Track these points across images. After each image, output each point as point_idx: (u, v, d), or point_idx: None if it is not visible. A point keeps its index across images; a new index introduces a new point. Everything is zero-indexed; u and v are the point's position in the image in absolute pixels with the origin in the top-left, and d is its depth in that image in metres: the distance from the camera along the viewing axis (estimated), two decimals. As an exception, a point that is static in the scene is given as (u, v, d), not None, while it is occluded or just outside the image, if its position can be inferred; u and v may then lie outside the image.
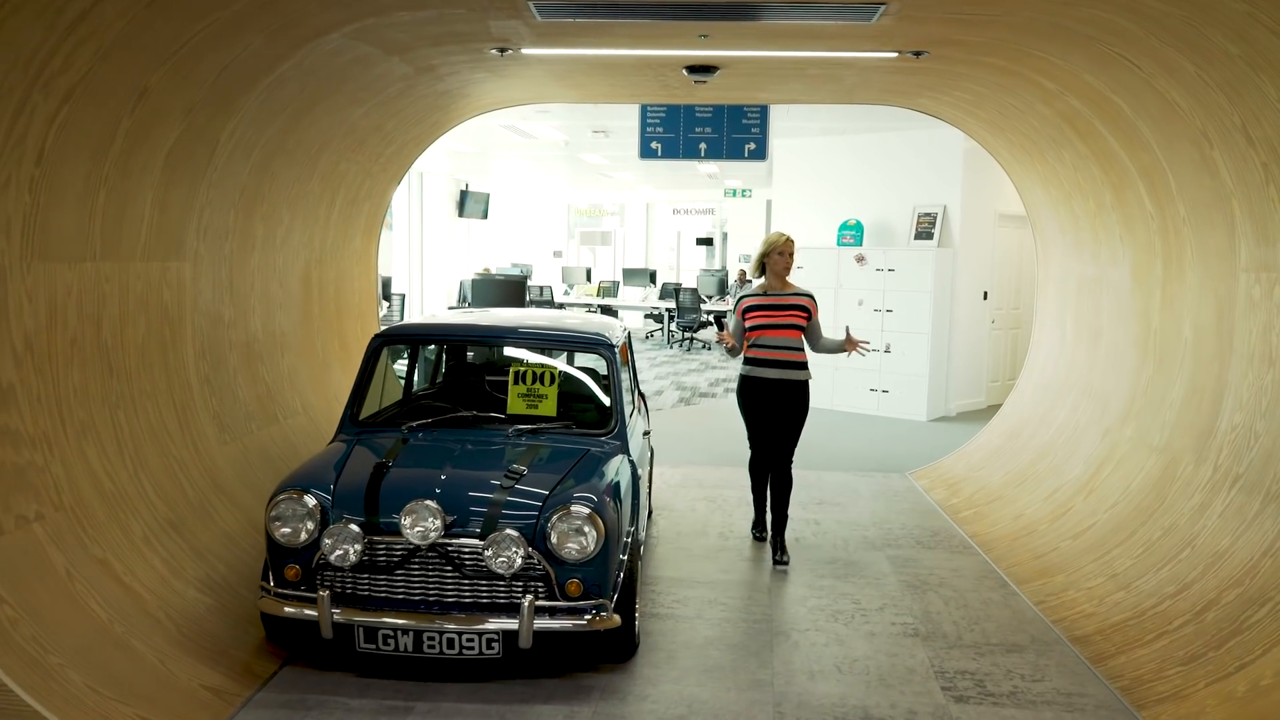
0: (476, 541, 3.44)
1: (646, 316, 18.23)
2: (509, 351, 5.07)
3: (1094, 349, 5.92)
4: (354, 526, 3.44)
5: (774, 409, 5.07)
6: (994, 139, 6.75)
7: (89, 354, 3.73)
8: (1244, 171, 3.98)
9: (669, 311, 16.23)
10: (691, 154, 8.01)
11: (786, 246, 5.09)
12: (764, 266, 5.15)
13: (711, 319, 15.79)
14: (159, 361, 4.25)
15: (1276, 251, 3.87)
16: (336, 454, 3.93)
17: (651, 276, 18.31)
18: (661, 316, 16.86)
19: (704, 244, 20.72)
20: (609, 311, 16.93)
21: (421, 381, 5.44)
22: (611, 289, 17.77)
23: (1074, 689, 3.64)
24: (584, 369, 5.16)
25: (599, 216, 23.94)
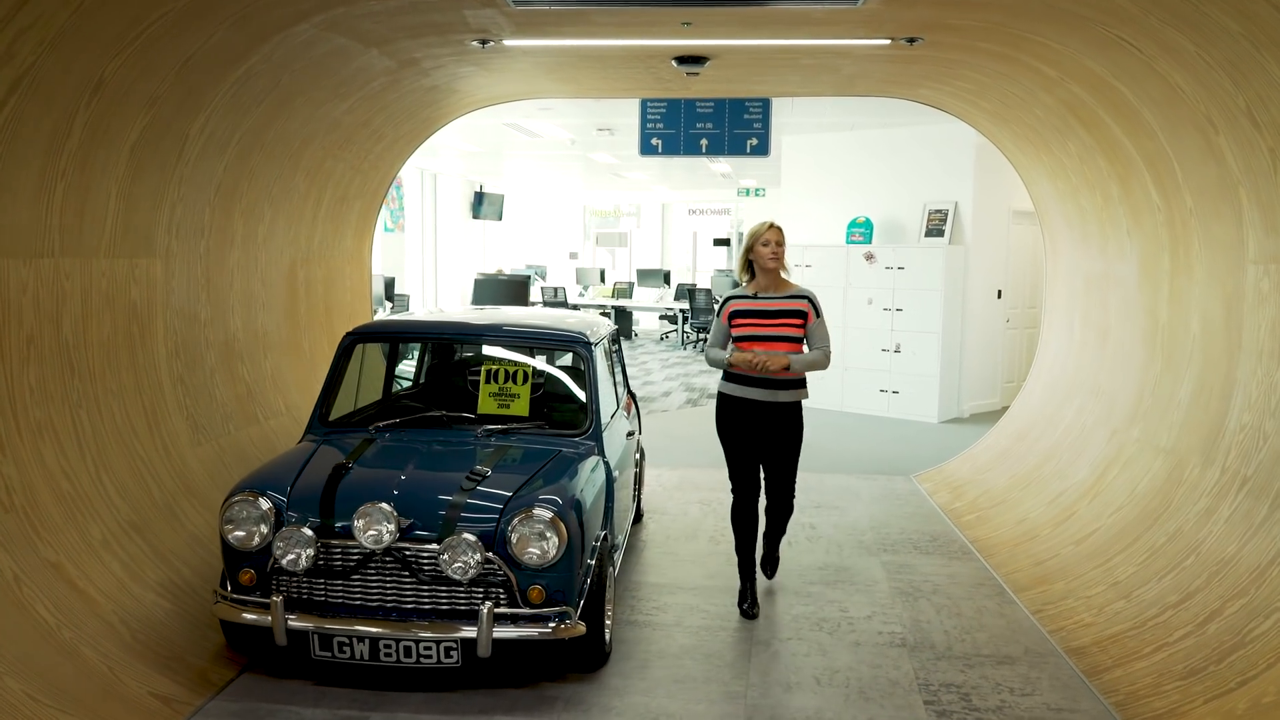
0: (433, 546, 3.31)
1: (661, 318, 18.07)
2: (489, 351, 4.94)
3: (1102, 347, 5.70)
4: (307, 530, 3.32)
5: (759, 436, 4.25)
6: (999, 131, 6.53)
7: (47, 352, 3.65)
8: (1250, 158, 3.77)
9: (683, 313, 16.06)
10: (692, 150, 7.83)
11: (771, 234, 4.18)
12: (752, 266, 4.26)
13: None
14: (126, 360, 4.16)
15: (1284, 242, 3.66)
16: (300, 455, 3.82)
17: (665, 277, 18.14)
18: (676, 318, 16.69)
19: (721, 244, 20.49)
20: (622, 313, 16.81)
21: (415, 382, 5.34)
22: (626, 290, 17.63)
23: (1065, 704, 3.44)
24: (565, 368, 5.02)
25: (616, 218, 23.80)
